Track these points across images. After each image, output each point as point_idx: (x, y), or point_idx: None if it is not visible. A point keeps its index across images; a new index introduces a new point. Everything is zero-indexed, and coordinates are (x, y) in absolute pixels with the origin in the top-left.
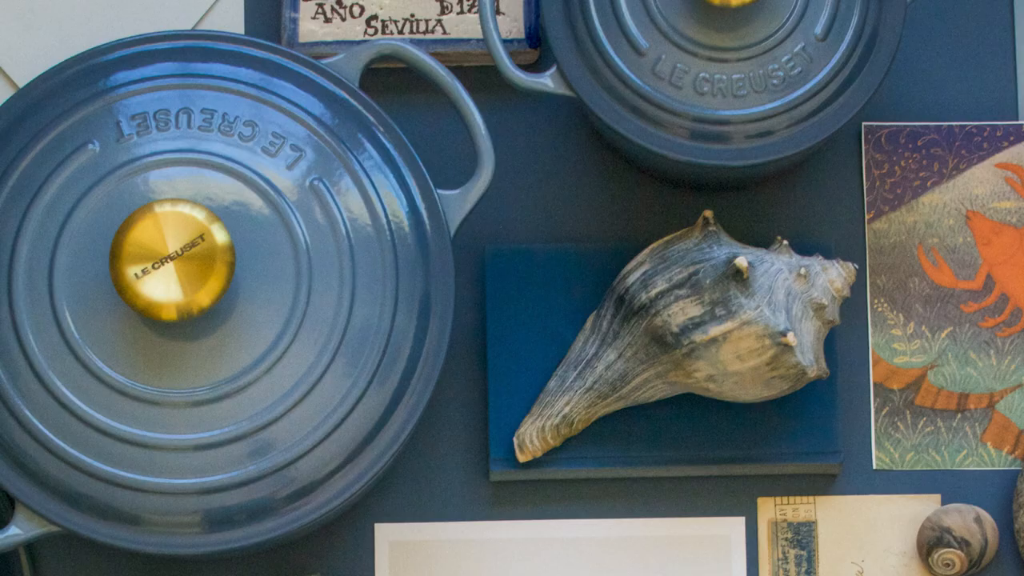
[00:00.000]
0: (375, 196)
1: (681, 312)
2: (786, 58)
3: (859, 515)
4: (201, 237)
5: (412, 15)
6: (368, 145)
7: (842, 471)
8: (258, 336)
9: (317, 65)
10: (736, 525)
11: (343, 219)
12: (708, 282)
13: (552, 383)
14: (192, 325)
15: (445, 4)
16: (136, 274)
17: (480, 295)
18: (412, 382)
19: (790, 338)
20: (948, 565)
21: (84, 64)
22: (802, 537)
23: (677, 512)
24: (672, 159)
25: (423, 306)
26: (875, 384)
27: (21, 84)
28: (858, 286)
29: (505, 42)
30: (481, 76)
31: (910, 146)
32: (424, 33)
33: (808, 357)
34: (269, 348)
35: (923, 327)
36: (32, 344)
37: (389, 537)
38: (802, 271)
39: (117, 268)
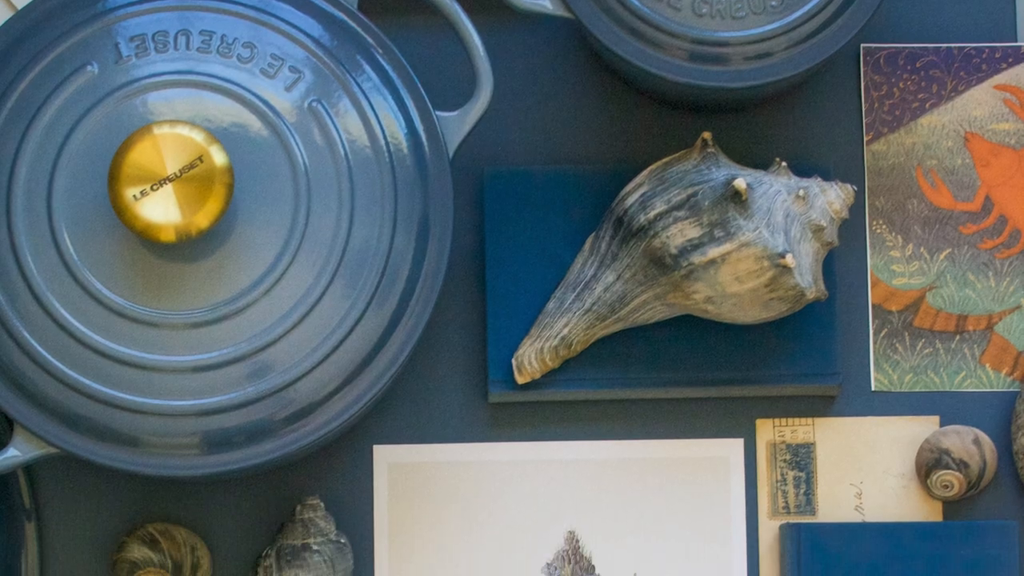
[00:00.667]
0: (374, 118)
1: (680, 234)
2: None
3: (858, 437)
4: (200, 159)
5: None
6: (367, 67)
7: (841, 393)
8: (257, 258)
9: None
10: (735, 447)
11: (342, 141)
12: (707, 204)
13: (550, 305)
14: (191, 247)
15: None
16: (135, 196)
17: (479, 217)
18: (411, 304)
19: (789, 260)
20: (947, 487)
21: None
22: (800, 459)
23: (676, 434)
24: (671, 81)
25: (422, 228)
26: (874, 306)
27: (20, 6)
28: (857, 208)
29: None
30: None
31: (909, 68)
32: None
33: (807, 279)
34: (268, 270)
35: (922, 249)
36: (31, 266)
37: (388, 459)
38: (801, 193)
39: (116, 190)
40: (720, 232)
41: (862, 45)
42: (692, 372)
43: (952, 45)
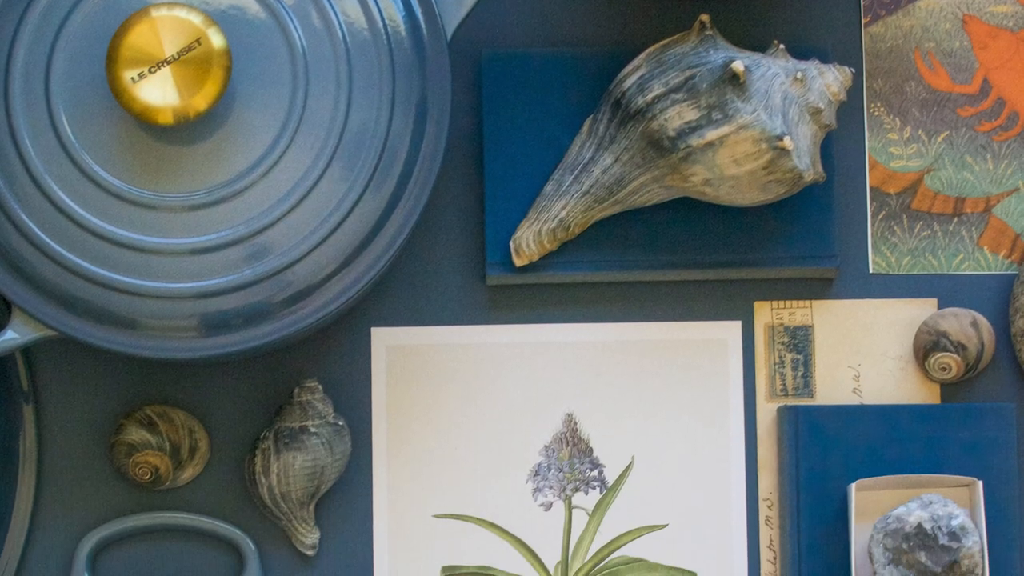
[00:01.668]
0: (372, 0)
1: (678, 116)
2: None
3: (856, 319)
4: (198, 41)
5: None
6: None
7: (839, 275)
8: (254, 140)
9: None
10: (733, 329)
11: (339, 23)
12: (704, 86)
13: (548, 187)
14: (188, 129)
15: None
16: (133, 78)
17: (476, 100)
18: (408, 186)
19: (786, 142)
20: (945, 369)
21: None
22: (799, 341)
23: (674, 316)
24: None
25: (419, 110)
26: (871, 188)
27: None
28: (854, 90)
29: None
30: None
31: None
32: None
33: (804, 161)
34: (265, 152)
35: (919, 131)
36: (29, 149)
37: (386, 341)
38: (799, 75)
39: (114, 72)
40: (718, 114)
41: None
42: (690, 254)
43: None
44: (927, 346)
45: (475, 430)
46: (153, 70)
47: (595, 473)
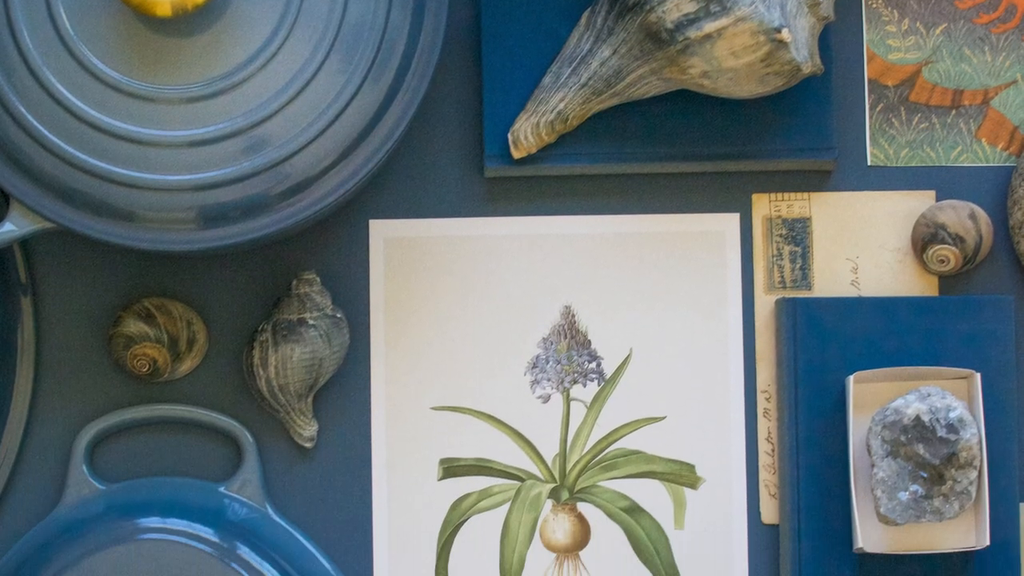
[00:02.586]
0: None
1: (676, 8)
2: None
3: (854, 211)
4: None
5: None
6: None
7: (837, 167)
8: (253, 32)
9: None
10: (731, 221)
11: None
12: None
13: (547, 79)
14: (187, 21)
15: None
16: None
17: None
18: (407, 78)
19: (784, 34)
20: (943, 261)
21: None
22: (796, 233)
23: (672, 208)
24: None
25: (417, 2)
26: (870, 80)
27: None
28: None
29: None
30: None
31: None
32: None
33: (803, 53)
34: (264, 44)
35: (918, 23)
36: (27, 41)
37: (384, 234)
38: None
39: None
40: (716, 7)
41: None
42: (688, 147)
43: None
44: (925, 238)
45: (473, 322)
46: None
47: (593, 365)
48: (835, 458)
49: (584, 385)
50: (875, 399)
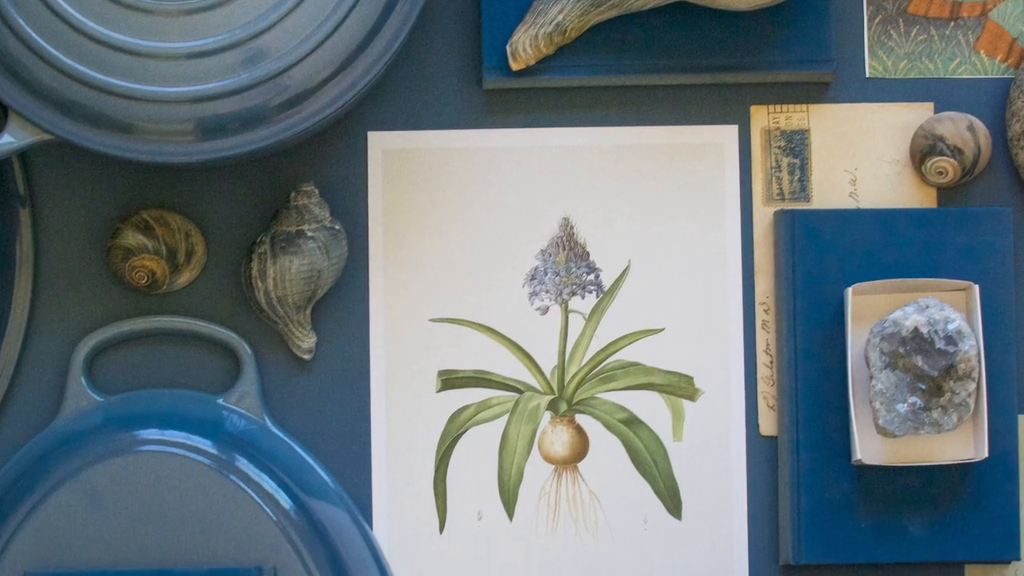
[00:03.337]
0: None
1: None
2: None
3: (852, 123)
4: None
5: None
6: None
7: (835, 79)
8: None
9: None
10: (729, 133)
11: None
12: None
13: None
14: None
15: None
16: None
17: None
18: None
19: None
20: (941, 173)
21: None
22: (795, 145)
23: (671, 120)
24: None
25: None
26: None
27: None
28: None
29: None
30: None
31: None
32: None
33: None
34: None
35: None
36: None
37: (382, 145)
38: None
39: None
40: None
41: None
42: (686, 58)
43: None
44: (924, 150)
45: (472, 234)
46: None
47: (591, 277)
48: (833, 370)
49: (582, 297)
50: (873, 311)
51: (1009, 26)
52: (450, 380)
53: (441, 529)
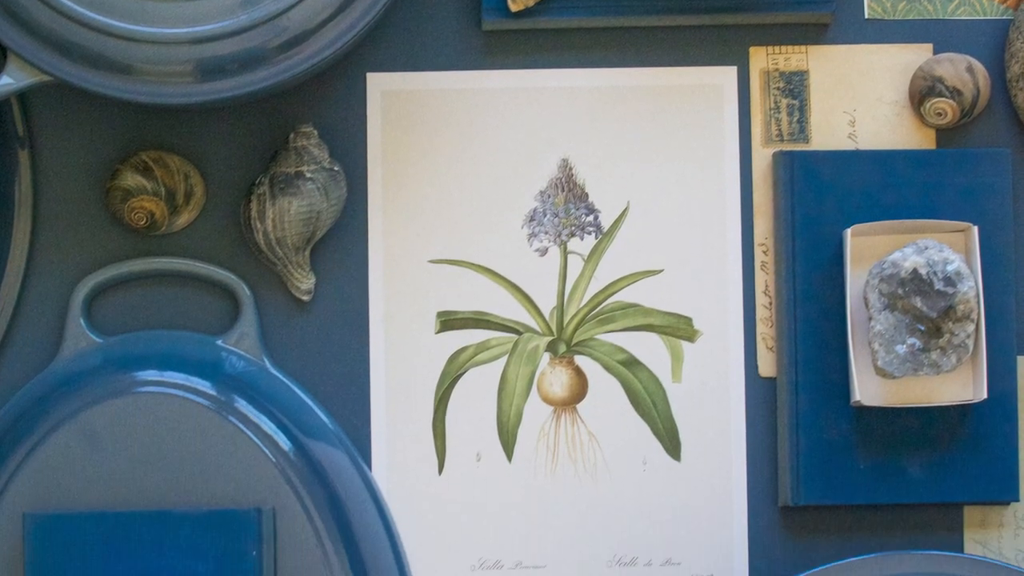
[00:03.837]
0: None
1: None
2: None
3: (851, 64)
4: None
5: None
6: None
7: (834, 20)
8: None
9: None
10: (728, 74)
11: None
12: None
13: None
14: None
15: None
16: None
17: None
18: None
19: None
20: (940, 114)
21: None
22: (794, 86)
23: (670, 61)
24: None
25: None
26: None
27: None
28: None
29: None
30: None
31: None
32: None
33: None
34: None
35: None
36: None
37: (381, 87)
38: None
39: None
40: None
41: None
42: None
43: None
44: (922, 91)
45: (471, 176)
46: None
47: (590, 218)
48: (832, 311)
49: (581, 238)
50: (872, 252)
51: None
52: (449, 321)
53: (440, 470)
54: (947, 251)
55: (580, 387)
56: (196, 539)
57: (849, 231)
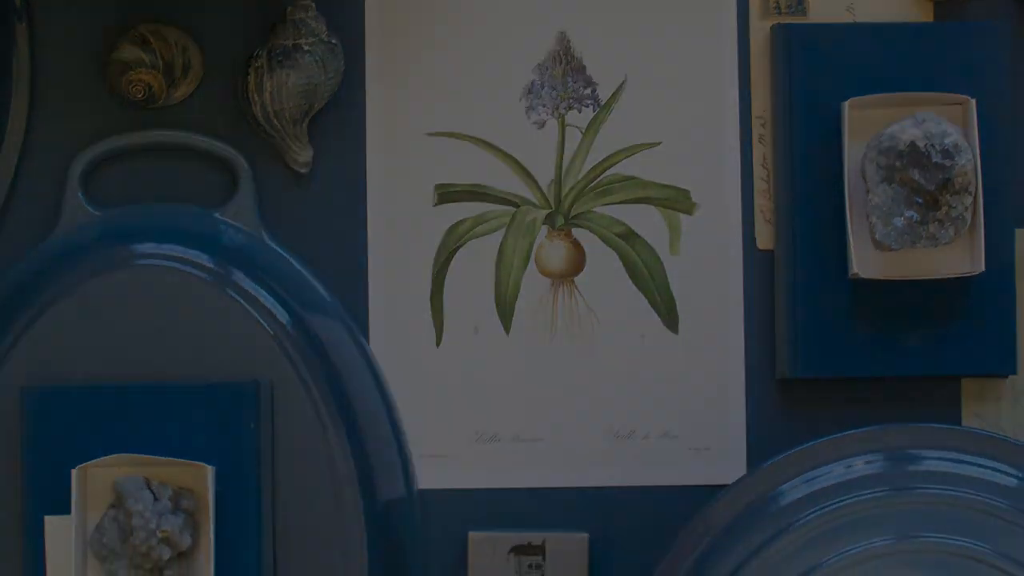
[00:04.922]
0: None
1: None
2: None
3: None
4: None
5: None
6: None
7: None
8: None
9: None
10: None
11: None
12: None
13: None
14: None
15: None
16: None
17: None
18: None
19: None
20: None
21: None
22: None
23: None
24: None
25: None
26: None
27: None
28: None
29: None
30: None
31: None
32: None
33: None
34: None
35: None
36: None
37: None
38: None
39: None
40: None
41: None
42: None
43: None
44: None
45: (468, 49)
46: None
47: (588, 91)
48: (830, 184)
49: (579, 111)
50: (870, 125)
51: None
52: (447, 194)
53: (438, 343)
54: (945, 124)
55: (578, 260)
56: (194, 412)
57: (847, 104)
